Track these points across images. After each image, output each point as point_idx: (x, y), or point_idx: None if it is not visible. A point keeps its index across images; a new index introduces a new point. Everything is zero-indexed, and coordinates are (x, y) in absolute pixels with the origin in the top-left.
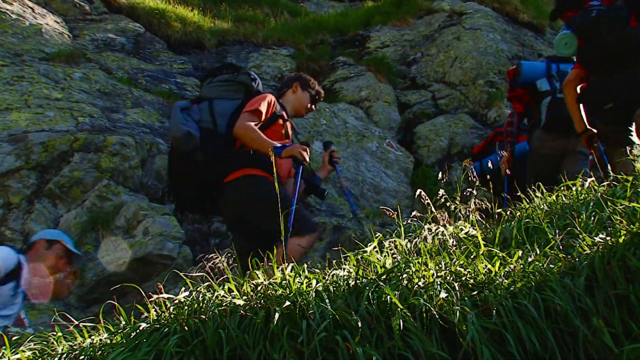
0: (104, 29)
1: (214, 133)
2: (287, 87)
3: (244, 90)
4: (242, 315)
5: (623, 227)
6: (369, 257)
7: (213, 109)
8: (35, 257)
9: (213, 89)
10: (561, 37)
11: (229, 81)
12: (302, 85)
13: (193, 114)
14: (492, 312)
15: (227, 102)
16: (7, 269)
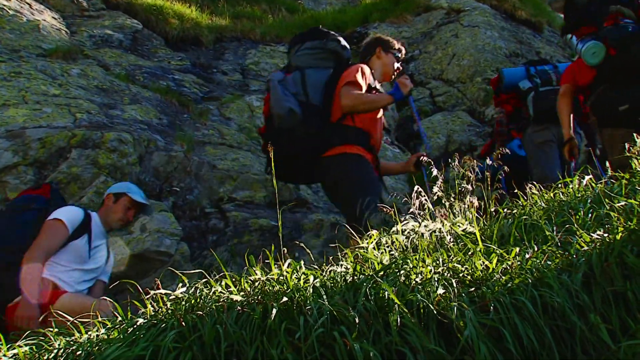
0: (102, 25)
1: (310, 106)
2: (370, 53)
3: (334, 59)
4: (239, 311)
5: (620, 224)
6: (366, 254)
7: (305, 80)
8: (105, 212)
9: (303, 57)
10: (590, 46)
11: (318, 49)
12: (384, 48)
13: (289, 86)
14: (489, 308)
15: (318, 72)
16: (74, 223)
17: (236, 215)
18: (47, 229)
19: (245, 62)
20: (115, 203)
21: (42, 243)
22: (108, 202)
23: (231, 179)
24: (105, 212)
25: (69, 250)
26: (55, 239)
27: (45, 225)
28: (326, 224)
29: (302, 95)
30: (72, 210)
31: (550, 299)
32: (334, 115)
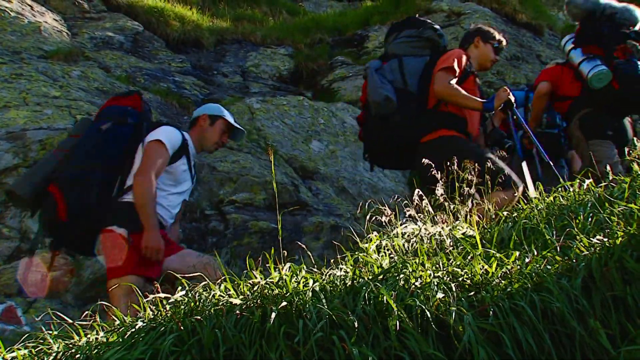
0: (103, 27)
1: (407, 93)
2: (468, 42)
3: (430, 47)
4: (238, 315)
5: (620, 228)
6: (366, 257)
7: (403, 68)
8: (199, 133)
9: (400, 45)
10: (599, 72)
11: (414, 37)
12: (483, 39)
13: (386, 74)
14: (488, 312)
15: (415, 59)
16: (175, 146)
17: (236, 217)
18: (151, 152)
19: (245, 65)
20: (212, 125)
21: (150, 165)
22: (203, 123)
23: (231, 181)
24: (200, 133)
25: (168, 173)
26: (159, 162)
27: (148, 147)
28: (326, 226)
29: (400, 83)
30: (172, 132)
31: (550, 304)
32: (431, 102)
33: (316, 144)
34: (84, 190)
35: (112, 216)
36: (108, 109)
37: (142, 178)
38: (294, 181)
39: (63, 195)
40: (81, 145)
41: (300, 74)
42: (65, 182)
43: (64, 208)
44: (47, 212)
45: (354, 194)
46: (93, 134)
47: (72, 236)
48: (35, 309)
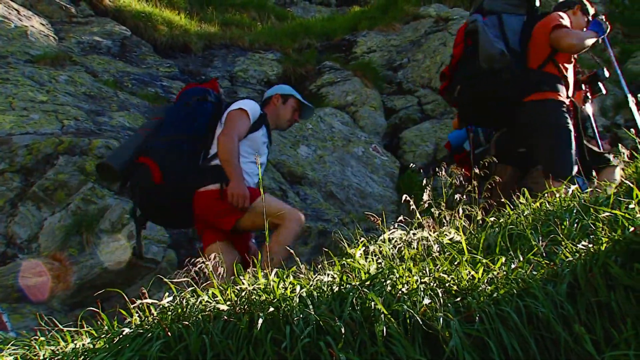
0: (90, 31)
1: (511, 51)
2: (567, 7)
3: (525, 6)
4: (225, 321)
5: (605, 234)
6: (353, 263)
7: (503, 25)
8: (273, 111)
9: (497, 2)
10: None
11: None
12: (582, 8)
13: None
14: (474, 318)
15: (514, 17)
16: (255, 115)
17: None
18: (234, 118)
19: (233, 69)
20: (285, 104)
21: (233, 128)
22: (276, 102)
23: None
24: (274, 112)
25: (248, 141)
26: (242, 126)
27: (230, 115)
28: (314, 231)
29: (501, 39)
30: (252, 103)
31: (535, 310)
32: (532, 62)
33: (304, 149)
34: (175, 156)
35: (203, 178)
36: (189, 90)
37: (225, 137)
38: (281, 186)
39: (156, 163)
40: (168, 120)
41: (288, 79)
42: (156, 151)
43: (159, 173)
44: (142, 180)
45: (342, 199)
46: (179, 110)
47: (165, 202)
48: (21, 314)
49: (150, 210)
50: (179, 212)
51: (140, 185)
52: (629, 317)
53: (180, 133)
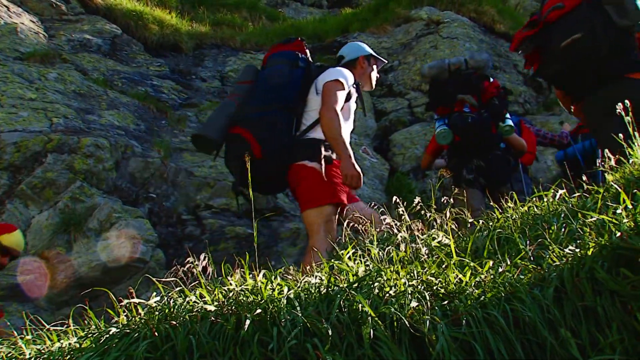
0: (80, 29)
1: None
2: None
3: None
4: (213, 321)
5: (592, 239)
6: (340, 265)
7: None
8: (361, 74)
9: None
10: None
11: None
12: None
13: None
14: (461, 321)
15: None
16: (350, 84)
17: (213, 222)
18: (332, 90)
19: (224, 69)
20: (370, 65)
21: (335, 102)
22: (363, 65)
23: (208, 186)
24: (362, 75)
25: (342, 111)
26: (342, 99)
27: (328, 87)
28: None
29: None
30: (347, 72)
31: (522, 314)
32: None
33: None
34: (271, 129)
35: (300, 152)
36: (277, 54)
37: (330, 113)
38: None
39: (252, 135)
40: (260, 88)
41: None
42: (251, 123)
43: (257, 146)
44: (240, 152)
45: None
46: (270, 77)
47: (263, 175)
48: (8, 312)
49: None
50: (276, 182)
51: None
52: (615, 321)
53: (273, 103)
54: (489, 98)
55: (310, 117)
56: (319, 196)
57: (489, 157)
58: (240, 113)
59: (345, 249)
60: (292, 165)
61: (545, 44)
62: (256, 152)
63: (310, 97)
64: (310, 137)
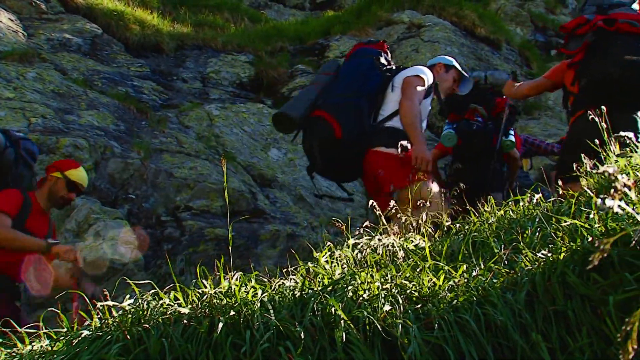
0: (60, 28)
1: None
2: None
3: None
4: (186, 324)
5: (564, 244)
6: (316, 268)
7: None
8: (437, 78)
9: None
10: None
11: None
12: None
13: None
14: (434, 325)
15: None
16: (429, 82)
17: (192, 224)
18: (413, 84)
19: (206, 71)
20: (447, 73)
21: (415, 94)
22: (439, 70)
23: (188, 188)
24: (437, 79)
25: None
26: (421, 93)
27: (409, 81)
28: (283, 234)
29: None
30: (427, 70)
31: (494, 317)
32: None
33: (275, 152)
34: (352, 114)
35: (379, 138)
36: (363, 50)
37: (409, 102)
38: (251, 189)
39: (334, 118)
40: (343, 78)
41: (260, 81)
42: (333, 107)
43: (339, 129)
44: (322, 133)
45: (312, 202)
46: (354, 69)
47: (340, 158)
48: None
49: (323, 163)
50: (350, 167)
51: (321, 137)
52: (584, 325)
53: (355, 91)
54: (498, 112)
55: (387, 109)
56: (403, 178)
57: (484, 166)
58: (323, 98)
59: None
60: (369, 150)
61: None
62: (337, 134)
63: (387, 92)
64: (388, 126)
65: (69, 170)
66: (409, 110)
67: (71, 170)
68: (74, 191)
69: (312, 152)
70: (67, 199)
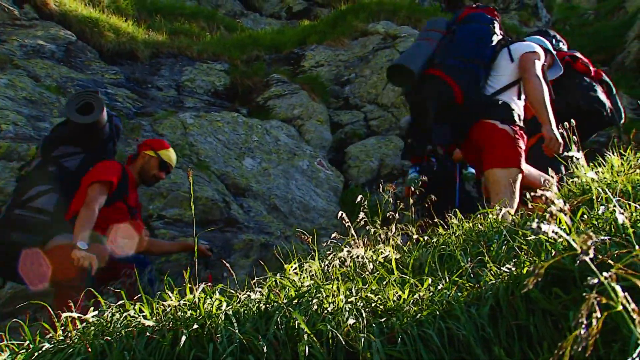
0: (34, 35)
1: None
2: None
3: None
4: (149, 337)
5: (528, 258)
6: (282, 280)
7: None
8: None
9: None
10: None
11: None
12: None
13: None
14: (397, 339)
15: None
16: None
17: (165, 232)
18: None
19: (181, 79)
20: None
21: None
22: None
23: (161, 196)
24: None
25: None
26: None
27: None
28: (256, 244)
29: None
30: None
31: (457, 332)
32: None
33: (249, 161)
34: (472, 80)
35: (494, 111)
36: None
37: (536, 80)
38: (225, 198)
39: (454, 82)
40: (460, 40)
41: (235, 90)
42: (452, 69)
43: (460, 92)
44: (442, 95)
45: (286, 212)
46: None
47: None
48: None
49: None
50: (453, 130)
51: (441, 99)
52: (546, 340)
53: (475, 58)
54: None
55: (499, 81)
56: (511, 158)
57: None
58: (440, 57)
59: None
60: (481, 121)
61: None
62: (458, 98)
63: (501, 63)
64: (503, 101)
65: (162, 150)
66: (538, 87)
67: (164, 150)
68: (165, 170)
69: (422, 111)
70: (158, 178)
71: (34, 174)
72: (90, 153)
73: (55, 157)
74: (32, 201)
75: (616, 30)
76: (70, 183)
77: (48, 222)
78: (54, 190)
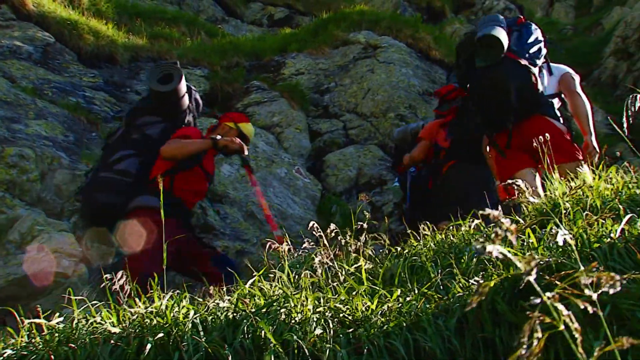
0: (10, 35)
1: None
2: None
3: None
4: (114, 345)
5: (496, 271)
6: (251, 289)
7: None
8: None
9: None
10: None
11: None
12: None
13: None
14: (363, 350)
15: None
16: None
17: None
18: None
19: None
20: None
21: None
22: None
23: None
24: None
25: None
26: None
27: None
28: (232, 251)
29: None
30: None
31: (424, 343)
32: None
33: (227, 167)
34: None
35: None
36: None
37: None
38: (201, 204)
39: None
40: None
41: (215, 96)
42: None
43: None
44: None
45: (262, 219)
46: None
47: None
48: None
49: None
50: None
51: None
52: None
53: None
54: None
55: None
56: (573, 152)
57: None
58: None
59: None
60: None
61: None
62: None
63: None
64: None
65: (242, 122)
66: (584, 104)
67: (243, 123)
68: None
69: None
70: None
71: (118, 141)
72: (171, 122)
73: (139, 125)
74: (116, 164)
75: (593, 46)
76: (152, 149)
77: (130, 184)
78: (136, 155)
